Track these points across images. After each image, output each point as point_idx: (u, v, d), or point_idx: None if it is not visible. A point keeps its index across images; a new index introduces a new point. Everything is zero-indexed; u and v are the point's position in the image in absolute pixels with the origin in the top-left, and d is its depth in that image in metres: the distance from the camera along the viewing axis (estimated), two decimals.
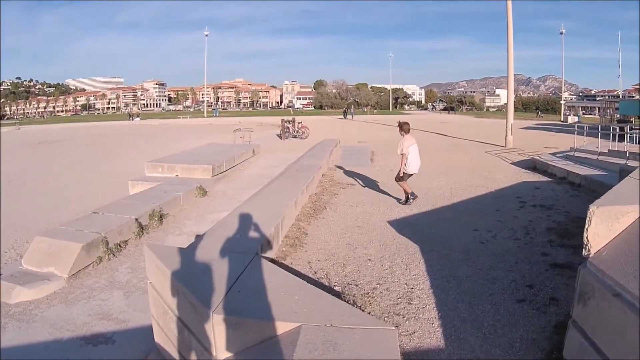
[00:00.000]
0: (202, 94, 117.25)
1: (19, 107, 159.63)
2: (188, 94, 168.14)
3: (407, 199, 8.89)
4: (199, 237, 5.73)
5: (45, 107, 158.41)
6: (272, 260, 5.23)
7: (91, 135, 39.03)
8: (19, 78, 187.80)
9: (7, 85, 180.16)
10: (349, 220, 7.86)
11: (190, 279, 4.05)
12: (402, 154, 8.67)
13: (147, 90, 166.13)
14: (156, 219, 8.97)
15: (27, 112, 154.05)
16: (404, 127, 8.78)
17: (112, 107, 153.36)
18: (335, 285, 4.99)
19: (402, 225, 7.42)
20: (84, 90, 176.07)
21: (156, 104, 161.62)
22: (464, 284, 4.98)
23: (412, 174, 8.92)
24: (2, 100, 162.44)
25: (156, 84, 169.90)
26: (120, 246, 7.61)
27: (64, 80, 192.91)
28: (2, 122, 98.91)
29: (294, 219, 7.56)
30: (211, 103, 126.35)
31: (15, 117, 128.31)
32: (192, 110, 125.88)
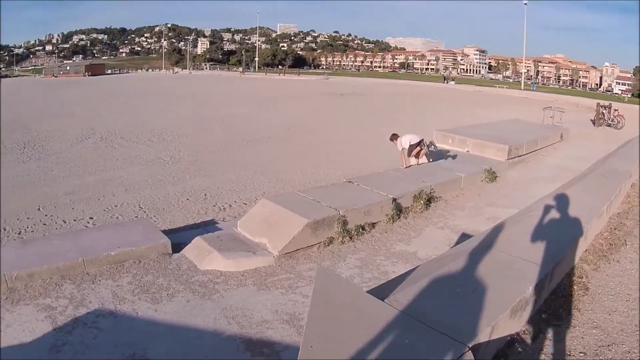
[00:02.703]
0: (522, 65, 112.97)
1: (335, 59, 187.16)
2: (508, 64, 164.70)
3: None
4: (393, 282, 4.00)
5: (362, 62, 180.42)
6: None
7: (397, 93, 40.92)
8: (336, 32, 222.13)
9: (325, 37, 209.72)
10: None
11: None
12: (402, 149, 10.03)
13: (468, 55, 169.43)
14: (422, 202, 7.75)
15: (344, 65, 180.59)
16: (392, 138, 10.23)
17: (431, 69, 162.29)
18: None
19: None
20: (404, 49, 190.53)
21: (476, 71, 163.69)
22: None
23: (414, 144, 9.98)
24: (319, 51, 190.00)
25: (477, 50, 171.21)
26: (363, 229, 6.44)
27: (383, 38, 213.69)
28: (315, 71, 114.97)
29: (577, 259, 5.56)
30: (531, 76, 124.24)
31: (324, 67, 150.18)
32: (510, 81, 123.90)
